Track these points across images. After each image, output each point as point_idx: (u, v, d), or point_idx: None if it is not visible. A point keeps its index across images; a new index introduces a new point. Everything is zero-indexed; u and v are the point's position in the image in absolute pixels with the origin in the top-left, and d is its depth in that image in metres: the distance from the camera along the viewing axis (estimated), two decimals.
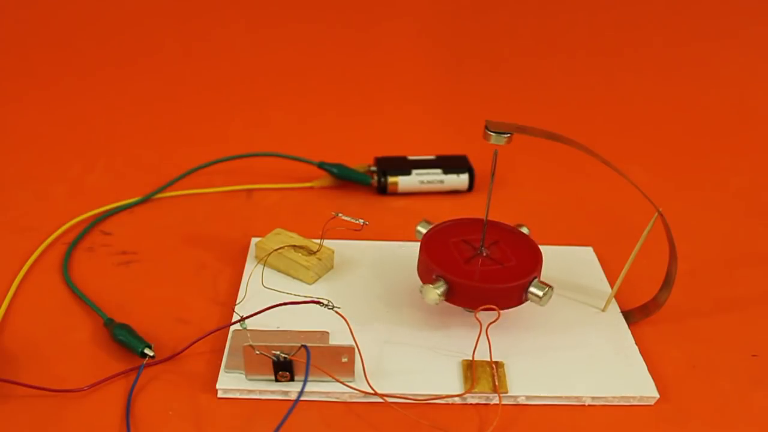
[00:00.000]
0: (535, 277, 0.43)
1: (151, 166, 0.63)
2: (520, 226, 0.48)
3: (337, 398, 0.40)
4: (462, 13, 0.89)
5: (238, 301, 0.46)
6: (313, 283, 0.49)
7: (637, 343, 0.44)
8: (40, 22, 0.82)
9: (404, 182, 0.61)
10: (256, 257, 0.50)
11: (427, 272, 0.44)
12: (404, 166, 0.61)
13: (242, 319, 0.42)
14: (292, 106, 0.77)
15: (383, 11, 0.87)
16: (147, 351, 0.42)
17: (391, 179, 0.61)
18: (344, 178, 0.61)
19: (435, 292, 0.42)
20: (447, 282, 0.42)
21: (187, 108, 0.75)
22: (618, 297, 0.48)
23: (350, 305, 0.45)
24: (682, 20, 0.90)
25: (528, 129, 0.41)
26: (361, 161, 0.63)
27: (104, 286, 0.48)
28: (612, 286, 0.49)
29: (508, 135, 0.41)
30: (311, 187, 0.62)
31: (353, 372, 0.40)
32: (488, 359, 0.42)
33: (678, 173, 0.68)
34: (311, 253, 0.49)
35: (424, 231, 0.47)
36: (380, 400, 0.39)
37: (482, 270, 0.44)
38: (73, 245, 0.52)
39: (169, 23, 0.84)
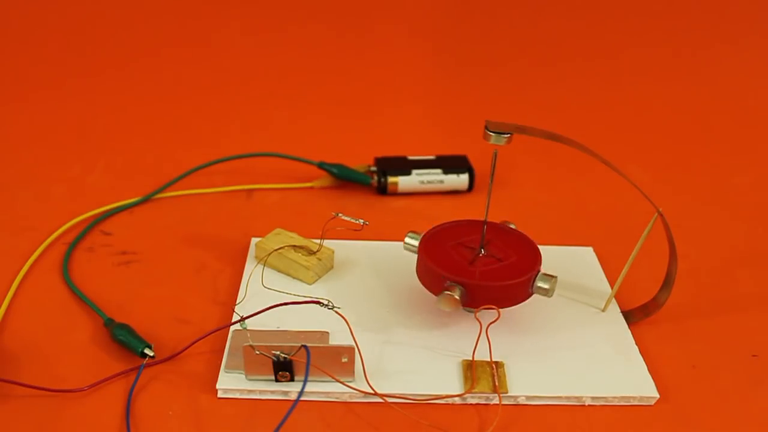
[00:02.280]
0: (458, 285, 0.42)
1: (151, 166, 0.63)
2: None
3: (337, 398, 0.40)
4: (461, 14, 0.89)
5: (238, 301, 0.46)
6: (313, 283, 0.49)
7: (637, 343, 0.44)
8: (40, 23, 0.82)
9: (404, 182, 0.61)
10: (256, 257, 0.50)
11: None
12: (404, 166, 0.61)
13: (242, 319, 0.42)
14: (292, 106, 0.77)
15: (383, 12, 0.87)
16: (147, 351, 0.42)
17: (391, 179, 0.61)
18: (344, 178, 0.61)
19: (404, 244, 0.46)
20: (416, 252, 0.45)
21: (187, 108, 0.75)
22: (618, 297, 0.48)
23: (350, 305, 0.45)
24: (682, 21, 0.90)
25: (528, 129, 0.41)
26: (361, 161, 0.63)
27: (104, 286, 0.48)
28: (612, 286, 0.49)
29: (508, 135, 0.41)
30: (311, 187, 0.62)
31: (353, 372, 0.40)
32: (488, 359, 0.42)
33: (678, 173, 0.68)
34: (311, 253, 0.49)
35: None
36: (380, 400, 0.39)
37: (450, 256, 0.44)
38: (73, 245, 0.52)
39: (170, 23, 0.84)
